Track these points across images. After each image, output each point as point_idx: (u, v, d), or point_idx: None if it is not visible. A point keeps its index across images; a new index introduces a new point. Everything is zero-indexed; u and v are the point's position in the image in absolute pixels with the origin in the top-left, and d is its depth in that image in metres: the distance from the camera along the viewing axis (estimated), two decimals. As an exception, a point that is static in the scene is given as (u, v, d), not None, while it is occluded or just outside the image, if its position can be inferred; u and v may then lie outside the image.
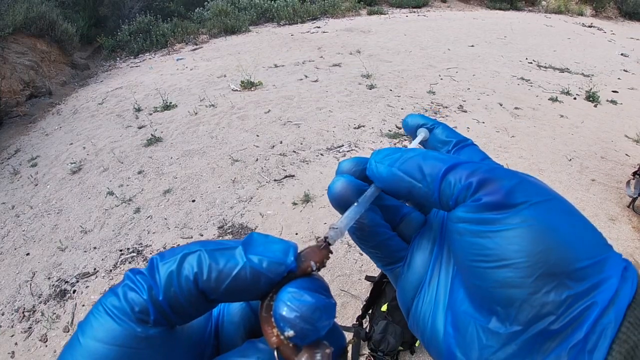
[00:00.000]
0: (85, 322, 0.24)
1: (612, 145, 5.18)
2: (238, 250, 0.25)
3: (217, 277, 0.24)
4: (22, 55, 7.93)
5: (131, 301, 0.24)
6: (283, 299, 0.24)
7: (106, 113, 6.65)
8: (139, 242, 3.74)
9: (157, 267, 0.24)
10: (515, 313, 0.25)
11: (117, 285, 0.25)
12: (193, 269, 0.24)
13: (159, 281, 0.24)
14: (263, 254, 0.25)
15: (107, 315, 0.24)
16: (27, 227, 4.10)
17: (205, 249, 0.25)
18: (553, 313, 0.24)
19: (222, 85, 7.23)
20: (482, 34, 11.00)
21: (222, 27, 11.68)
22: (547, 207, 0.26)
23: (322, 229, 3.69)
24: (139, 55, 10.67)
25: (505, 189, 0.26)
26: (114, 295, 0.24)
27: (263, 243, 0.26)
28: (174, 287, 0.24)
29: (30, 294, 3.31)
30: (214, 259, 0.24)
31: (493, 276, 0.25)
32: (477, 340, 0.27)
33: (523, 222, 0.25)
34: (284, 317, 0.24)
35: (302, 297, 0.24)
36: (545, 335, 0.24)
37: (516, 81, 7.31)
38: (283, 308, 0.24)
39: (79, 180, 4.77)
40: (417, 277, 0.35)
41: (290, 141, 5.15)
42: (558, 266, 0.24)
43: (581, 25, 13.24)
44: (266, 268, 0.25)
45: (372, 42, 9.87)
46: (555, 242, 0.24)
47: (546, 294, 0.24)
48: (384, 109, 5.97)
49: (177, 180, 4.54)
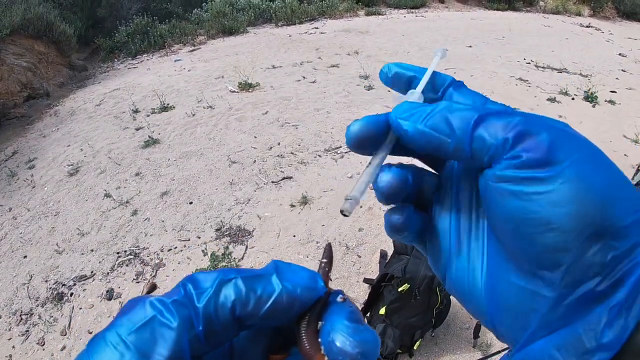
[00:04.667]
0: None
1: (611, 145, 5.18)
2: (274, 278, 0.26)
3: (256, 303, 0.24)
4: (20, 56, 7.91)
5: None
6: (342, 332, 0.24)
7: (104, 114, 6.63)
8: (136, 244, 3.73)
9: (193, 296, 0.24)
10: (562, 276, 0.25)
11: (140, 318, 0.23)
12: (231, 296, 0.24)
13: (199, 311, 0.24)
14: (295, 280, 0.26)
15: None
16: (24, 229, 4.09)
17: (240, 276, 0.25)
18: (599, 274, 0.24)
19: (220, 87, 7.22)
20: (480, 34, 11.00)
21: (220, 28, 11.65)
22: (589, 164, 0.25)
23: (319, 231, 3.68)
24: (136, 56, 10.64)
25: (546, 143, 0.25)
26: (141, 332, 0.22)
27: (292, 270, 0.27)
28: (212, 316, 0.24)
29: (27, 297, 3.30)
30: (252, 287, 0.25)
31: (539, 240, 0.25)
32: (524, 304, 0.27)
33: (568, 182, 0.24)
34: (344, 351, 0.24)
35: (362, 333, 0.25)
36: (592, 296, 0.24)
37: (514, 81, 7.31)
38: (345, 342, 0.24)
39: (76, 182, 4.76)
40: (446, 244, 0.34)
41: (288, 142, 5.14)
42: (603, 227, 0.24)
43: (579, 26, 13.24)
44: (300, 294, 0.26)
45: (370, 43, 9.86)
46: (601, 202, 0.24)
47: (592, 255, 0.24)
48: (381, 110, 5.91)
49: (174, 182, 4.53)
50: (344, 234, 3.64)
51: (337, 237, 3.60)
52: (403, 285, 2.42)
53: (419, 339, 2.55)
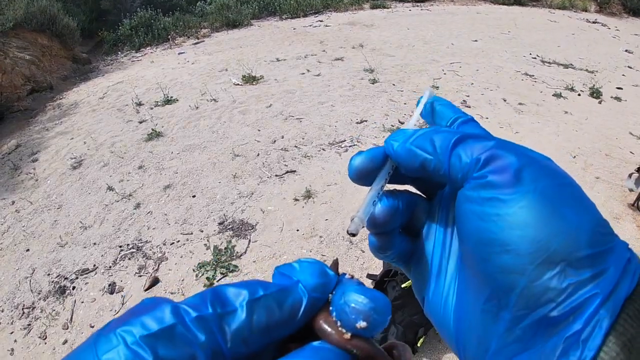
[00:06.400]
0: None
1: (617, 142, 5.13)
2: (300, 287, 0.25)
3: (288, 318, 0.24)
4: (23, 49, 7.90)
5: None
6: (352, 293, 0.25)
7: (107, 107, 6.61)
8: (139, 237, 3.72)
9: (223, 316, 0.23)
10: (516, 299, 0.25)
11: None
12: (263, 318, 0.23)
13: (227, 335, 0.22)
14: (313, 283, 0.26)
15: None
16: (27, 222, 4.08)
17: (268, 293, 0.24)
18: (553, 300, 0.24)
19: (224, 80, 7.19)
20: (485, 28, 10.91)
21: (224, 21, 11.61)
22: (554, 192, 0.26)
23: (323, 225, 3.66)
24: (140, 49, 10.61)
25: (513, 167, 0.26)
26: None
27: (305, 272, 0.26)
28: (243, 339, 0.23)
29: (29, 291, 3.29)
30: (282, 303, 0.24)
31: (496, 261, 0.26)
32: (485, 326, 0.27)
33: (528, 207, 0.25)
34: (357, 309, 0.24)
35: (372, 292, 0.25)
36: (547, 322, 0.24)
37: (520, 76, 7.25)
38: (356, 300, 0.25)
39: (79, 175, 4.75)
40: (427, 268, 0.35)
41: (291, 136, 5.11)
42: (561, 254, 0.24)
43: (585, 21, 13.13)
44: (320, 295, 0.26)
45: (374, 36, 9.80)
46: (559, 229, 0.24)
47: (548, 280, 0.24)
48: (386, 103, 5.92)
49: (177, 176, 4.51)
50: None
51: (341, 231, 3.58)
52: (407, 281, 2.40)
53: (423, 336, 2.53)
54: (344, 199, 3.97)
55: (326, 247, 3.43)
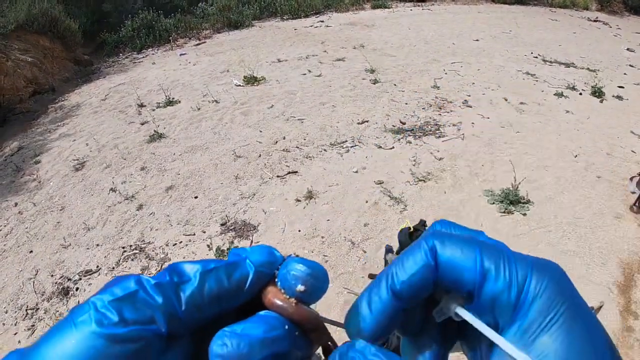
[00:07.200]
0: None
1: (618, 141, 5.12)
2: (248, 262, 0.28)
3: (236, 288, 0.28)
4: (25, 52, 7.92)
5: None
6: (293, 263, 0.29)
7: (109, 109, 6.64)
8: (142, 239, 3.74)
9: (179, 284, 0.26)
10: None
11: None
12: (213, 286, 0.27)
13: (182, 299, 0.26)
14: (260, 260, 0.29)
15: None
16: (30, 224, 4.10)
17: (219, 265, 0.28)
18: None
19: (225, 81, 7.21)
20: (487, 27, 10.91)
21: (225, 22, 11.63)
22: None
23: (325, 226, 3.67)
24: (142, 51, 10.63)
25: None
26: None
27: (255, 252, 0.30)
28: (195, 304, 0.26)
29: (33, 292, 3.31)
30: (230, 274, 0.28)
31: None
32: None
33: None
34: (296, 275, 0.28)
35: (309, 262, 0.29)
36: None
37: (521, 76, 7.25)
38: (295, 267, 0.28)
39: (82, 176, 4.77)
40: None
41: (293, 137, 5.12)
42: None
43: (587, 20, 13.11)
44: (266, 270, 0.29)
45: (376, 36, 9.80)
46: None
47: None
48: (387, 103, 5.93)
49: (179, 177, 4.52)
50: (349, 229, 3.62)
51: (343, 232, 3.59)
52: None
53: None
54: (346, 200, 3.98)
55: (328, 248, 3.44)
